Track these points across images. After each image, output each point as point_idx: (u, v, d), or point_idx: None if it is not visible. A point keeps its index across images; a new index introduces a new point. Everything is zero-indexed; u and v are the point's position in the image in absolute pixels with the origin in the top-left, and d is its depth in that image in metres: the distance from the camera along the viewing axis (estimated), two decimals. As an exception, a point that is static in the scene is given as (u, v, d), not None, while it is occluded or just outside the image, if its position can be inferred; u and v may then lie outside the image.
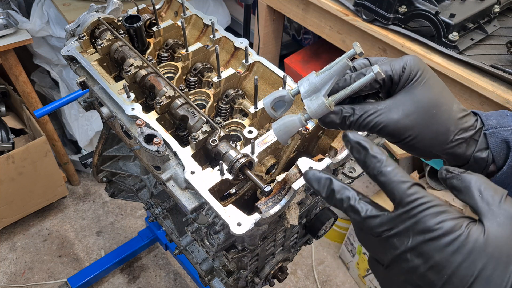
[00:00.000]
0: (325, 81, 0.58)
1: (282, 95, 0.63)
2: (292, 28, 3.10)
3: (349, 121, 0.60)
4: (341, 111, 0.60)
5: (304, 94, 0.59)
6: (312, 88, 0.58)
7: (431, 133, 0.60)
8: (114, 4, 1.20)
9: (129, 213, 2.77)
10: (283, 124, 0.63)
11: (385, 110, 0.59)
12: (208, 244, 1.02)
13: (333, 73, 0.57)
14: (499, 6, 1.59)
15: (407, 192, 0.46)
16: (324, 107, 0.58)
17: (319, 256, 2.60)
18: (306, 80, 0.60)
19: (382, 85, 0.61)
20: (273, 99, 0.63)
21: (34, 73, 2.68)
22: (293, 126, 0.62)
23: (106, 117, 1.05)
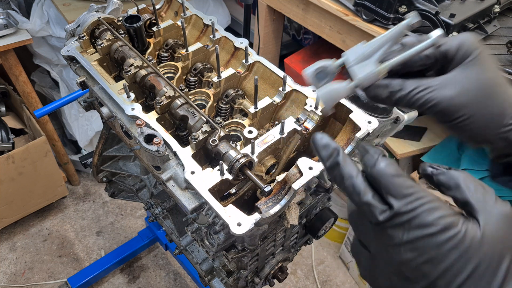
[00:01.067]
0: (377, 48, 0.54)
1: (326, 65, 0.59)
2: (292, 28, 3.10)
3: (397, 96, 0.57)
4: (389, 85, 0.57)
5: (351, 62, 0.55)
6: (361, 55, 0.54)
7: (486, 114, 0.56)
8: (114, 4, 1.20)
9: (129, 213, 2.77)
10: (329, 90, 0.58)
11: (439, 86, 0.56)
12: (208, 244, 1.02)
13: (388, 39, 0.53)
14: (499, 6, 1.59)
15: (404, 185, 0.46)
16: (374, 74, 0.53)
17: (319, 256, 2.60)
18: (354, 48, 0.56)
19: (435, 61, 0.58)
20: (316, 69, 0.60)
21: (34, 73, 2.68)
22: (339, 93, 0.58)
23: (106, 117, 1.05)
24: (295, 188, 0.77)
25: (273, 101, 0.99)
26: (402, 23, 0.53)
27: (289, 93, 1.00)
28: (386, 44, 0.54)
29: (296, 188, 0.77)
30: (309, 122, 0.92)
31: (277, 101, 0.99)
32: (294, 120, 0.91)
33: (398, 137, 2.09)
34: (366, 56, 0.55)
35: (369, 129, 0.86)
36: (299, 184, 0.77)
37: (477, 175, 1.77)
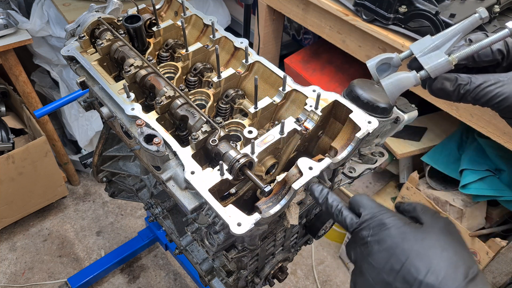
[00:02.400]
0: (448, 38, 0.54)
1: (390, 57, 0.60)
2: (292, 28, 3.10)
3: (464, 89, 0.57)
4: (457, 79, 0.57)
5: (420, 53, 0.56)
6: (431, 46, 0.54)
7: None
8: (114, 4, 1.20)
9: (129, 213, 2.77)
10: (396, 80, 0.58)
11: (509, 81, 0.56)
12: (208, 244, 1.02)
13: (459, 30, 0.53)
14: (499, 6, 1.59)
15: (371, 202, 0.67)
16: (446, 63, 0.54)
17: (319, 256, 2.60)
18: (420, 41, 0.56)
19: (505, 57, 0.58)
20: (379, 60, 0.60)
21: (34, 73, 2.68)
22: (407, 82, 0.58)
23: (106, 117, 1.05)
24: (295, 188, 0.77)
25: (273, 101, 0.99)
26: (472, 17, 0.53)
27: (289, 93, 1.00)
28: (454, 37, 0.54)
29: (296, 188, 0.77)
30: (309, 122, 0.92)
31: (277, 101, 0.99)
32: (294, 120, 0.91)
33: (398, 137, 2.09)
34: (434, 48, 0.55)
35: (369, 129, 0.85)
36: (299, 184, 0.77)
37: (477, 175, 1.77)
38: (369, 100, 0.91)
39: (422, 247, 0.58)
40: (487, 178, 1.77)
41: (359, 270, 0.63)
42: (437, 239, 0.59)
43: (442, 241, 0.59)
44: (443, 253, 0.57)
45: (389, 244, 0.59)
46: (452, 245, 0.59)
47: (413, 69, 0.60)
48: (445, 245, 0.58)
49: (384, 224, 0.61)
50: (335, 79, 2.34)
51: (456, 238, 0.61)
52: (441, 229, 0.61)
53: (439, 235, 0.60)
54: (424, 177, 2.03)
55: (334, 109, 0.95)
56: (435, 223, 0.62)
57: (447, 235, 0.60)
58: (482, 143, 1.82)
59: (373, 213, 0.63)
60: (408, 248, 0.58)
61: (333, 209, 0.70)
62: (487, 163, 1.80)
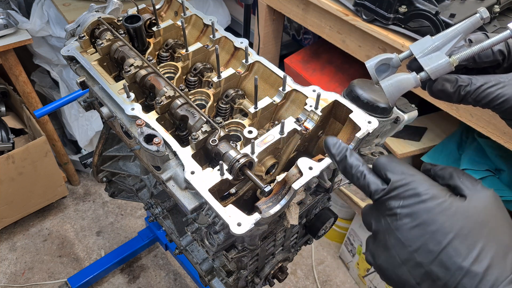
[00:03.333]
0: (448, 39, 0.53)
1: (389, 58, 0.59)
2: (292, 28, 3.10)
3: (465, 91, 0.57)
4: (457, 80, 0.56)
5: (420, 54, 0.55)
6: (431, 47, 0.54)
7: None
8: (114, 4, 1.20)
9: (129, 213, 2.77)
10: (396, 81, 0.57)
11: (510, 82, 0.56)
12: (208, 244, 1.02)
13: (460, 30, 0.52)
14: (499, 6, 1.59)
15: (401, 166, 0.55)
16: (447, 65, 0.53)
17: (319, 256, 2.60)
18: (420, 41, 0.56)
19: (505, 58, 0.58)
20: (379, 61, 0.59)
21: (34, 73, 2.68)
22: (407, 84, 0.57)
23: (106, 117, 1.05)
24: (295, 188, 0.77)
25: (273, 101, 0.99)
26: (473, 17, 0.53)
27: (289, 93, 1.00)
28: (455, 38, 0.53)
29: (296, 188, 0.76)
30: (309, 122, 0.92)
31: (277, 101, 0.99)
32: (294, 120, 0.91)
33: (398, 137, 2.09)
34: (434, 49, 0.54)
35: (369, 129, 0.85)
36: (299, 184, 0.77)
37: (477, 175, 1.77)
38: (369, 100, 0.91)
39: (466, 227, 0.49)
40: (487, 178, 1.76)
41: (382, 244, 0.55)
42: (484, 217, 0.50)
43: (491, 220, 0.50)
44: (490, 235, 0.49)
45: (425, 219, 0.50)
46: (501, 225, 0.50)
47: (413, 70, 0.60)
48: (494, 224, 0.50)
49: (419, 194, 0.51)
50: (335, 79, 2.34)
51: (505, 216, 0.52)
52: (488, 204, 0.52)
53: (486, 212, 0.51)
54: (424, 177, 2.03)
55: (334, 109, 0.95)
56: (480, 196, 0.52)
57: (496, 212, 0.51)
58: (482, 143, 1.82)
59: (404, 180, 0.53)
60: (449, 227, 0.49)
61: (353, 170, 0.58)
62: (487, 163, 1.80)
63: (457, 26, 0.54)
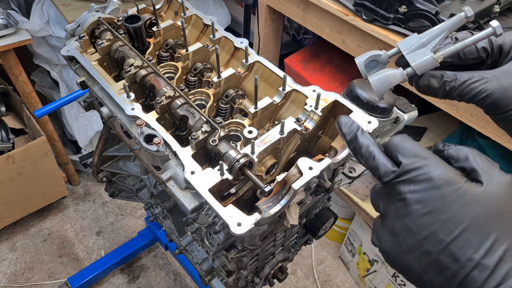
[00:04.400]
0: (434, 36, 0.55)
1: (378, 54, 0.60)
2: (292, 28, 3.10)
3: (449, 86, 0.58)
4: (442, 76, 0.58)
5: (407, 50, 0.57)
6: (417, 43, 0.56)
7: None
8: (114, 4, 1.20)
9: (129, 213, 2.77)
10: (383, 76, 0.59)
11: (492, 78, 0.57)
12: (208, 244, 1.02)
13: (445, 28, 0.54)
14: (499, 6, 1.59)
15: (413, 147, 0.51)
16: (432, 60, 0.55)
17: (319, 256, 2.60)
18: (407, 39, 0.58)
19: (489, 55, 0.59)
20: (368, 57, 0.60)
21: (34, 73, 2.68)
22: (394, 79, 0.58)
23: (106, 117, 1.05)
24: (295, 188, 0.77)
25: (273, 101, 0.99)
26: (457, 16, 0.54)
27: (289, 93, 1.00)
28: (440, 35, 0.55)
29: (296, 188, 0.76)
30: (309, 122, 0.92)
31: (277, 101, 0.99)
32: (294, 120, 0.91)
33: (398, 137, 2.09)
34: (421, 45, 0.56)
35: (369, 129, 0.86)
36: (299, 184, 0.77)
37: (477, 175, 1.77)
38: (369, 100, 0.91)
39: (480, 217, 0.46)
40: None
41: (389, 229, 0.53)
42: (500, 206, 0.47)
43: (506, 210, 0.47)
44: (505, 227, 0.46)
45: (437, 207, 0.48)
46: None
47: (400, 66, 0.61)
48: (510, 215, 0.47)
49: (431, 179, 0.48)
50: (335, 79, 2.34)
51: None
52: (505, 193, 0.48)
53: (502, 201, 0.48)
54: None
55: (334, 109, 0.95)
56: (497, 183, 0.48)
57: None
58: (482, 143, 1.82)
59: (417, 163, 0.50)
60: (462, 216, 0.47)
61: (363, 151, 0.54)
62: (487, 163, 1.80)
63: (442, 24, 0.56)
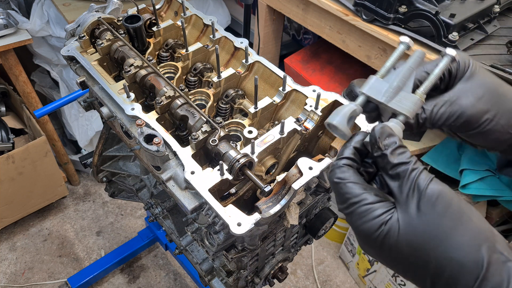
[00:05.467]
0: (406, 77, 0.56)
1: (354, 110, 0.58)
2: (292, 28, 3.10)
3: (422, 118, 0.60)
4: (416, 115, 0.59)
5: (386, 99, 0.57)
6: (393, 90, 0.56)
7: (506, 111, 0.59)
8: (114, 4, 1.20)
9: (129, 213, 2.77)
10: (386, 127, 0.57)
11: (455, 99, 0.59)
12: (208, 244, 1.02)
13: (412, 66, 0.55)
14: (499, 6, 1.59)
15: (340, 191, 0.55)
16: (420, 102, 0.56)
17: (319, 256, 2.60)
18: (374, 87, 0.57)
19: (443, 80, 0.61)
20: (348, 118, 0.57)
21: (34, 73, 2.68)
22: (399, 134, 0.57)
23: (106, 117, 1.05)
24: (295, 188, 0.76)
25: (273, 101, 0.99)
26: (420, 52, 0.56)
27: (289, 93, 1.00)
28: (412, 75, 0.56)
29: (296, 188, 0.76)
30: (309, 122, 0.92)
31: (277, 101, 0.99)
32: (294, 120, 0.91)
33: (398, 137, 2.08)
34: (397, 89, 0.56)
35: (369, 129, 0.85)
36: (299, 184, 0.77)
37: (477, 175, 1.77)
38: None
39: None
40: (487, 178, 1.76)
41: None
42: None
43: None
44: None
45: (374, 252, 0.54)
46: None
47: (370, 113, 0.61)
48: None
49: (355, 228, 0.54)
50: (335, 79, 2.34)
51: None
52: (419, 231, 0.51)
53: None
54: (424, 177, 2.03)
55: (334, 109, 0.95)
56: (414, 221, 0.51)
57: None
58: (482, 143, 1.82)
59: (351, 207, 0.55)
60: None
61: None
62: (487, 163, 1.80)
63: (407, 63, 0.56)
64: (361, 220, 0.52)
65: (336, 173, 0.56)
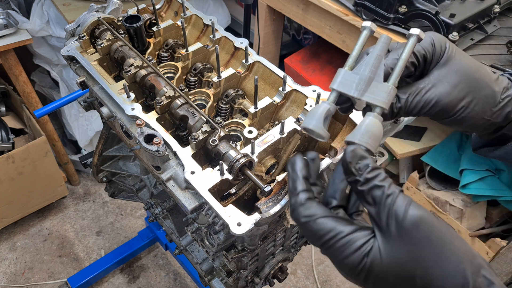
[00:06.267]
0: (376, 66, 0.54)
1: (328, 109, 0.56)
2: (292, 28, 3.10)
3: (397, 108, 0.58)
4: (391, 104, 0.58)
5: (358, 93, 0.54)
6: (364, 82, 0.54)
7: (481, 98, 0.59)
8: (114, 4, 1.20)
9: (129, 213, 2.77)
10: (371, 132, 0.54)
11: (430, 86, 0.58)
12: (208, 244, 1.02)
13: (380, 54, 0.53)
14: (499, 6, 1.59)
15: (312, 229, 0.54)
16: (393, 91, 0.54)
17: (319, 256, 2.60)
18: (344, 81, 0.55)
19: (417, 67, 0.59)
20: (323, 119, 0.56)
21: (34, 73, 2.68)
22: (380, 128, 0.54)
23: (106, 117, 1.05)
24: (295, 188, 0.76)
25: (273, 101, 0.99)
26: (385, 37, 0.55)
27: (289, 93, 1.00)
28: (381, 64, 0.54)
29: (296, 188, 0.76)
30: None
31: (277, 101, 0.99)
32: (294, 120, 0.91)
33: (398, 137, 2.09)
34: (371, 78, 0.54)
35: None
36: (299, 184, 0.77)
37: (477, 175, 1.77)
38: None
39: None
40: (487, 178, 1.77)
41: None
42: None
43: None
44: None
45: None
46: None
47: (340, 104, 0.59)
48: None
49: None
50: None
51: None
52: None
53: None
54: (424, 177, 2.03)
55: (334, 109, 0.95)
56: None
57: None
58: (482, 143, 1.82)
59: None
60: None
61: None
62: (487, 163, 1.80)
63: (374, 51, 0.54)
64: (342, 255, 0.50)
65: (301, 212, 0.53)
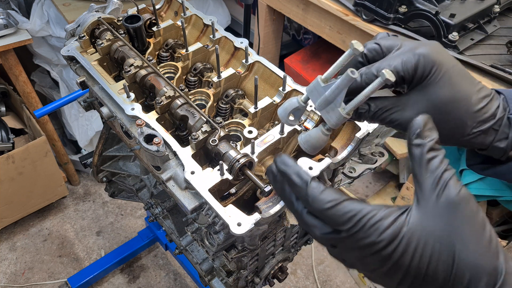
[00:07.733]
0: (336, 94, 0.58)
1: (295, 106, 0.63)
2: (292, 28, 3.10)
3: (364, 117, 0.62)
4: (357, 108, 0.61)
5: (318, 107, 0.61)
6: (324, 101, 0.59)
7: (446, 129, 0.60)
8: (114, 4, 1.20)
9: (129, 213, 2.77)
10: (309, 140, 0.64)
11: (399, 108, 0.60)
12: (208, 244, 1.02)
13: (341, 87, 0.57)
14: (499, 6, 1.59)
15: (340, 212, 0.50)
16: (343, 118, 0.59)
17: (319, 256, 2.60)
18: (315, 90, 0.60)
19: (395, 84, 0.60)
20: (289, 113, 0.64)
21: (34, 73, 2.68)
22: (320, 142, 0.63)
23: (106, 117, 1.05)
24: (295, 188, 0.76)
25: (273, 101, 0.99)
26: (347, 64, 0.59)
27: (289, 93, 1.00)
28: (342, 92, 0.57)
29: (296, 188, 0.76)
30: (309, 122, 0.92)
31: (277, 101, 0.99)
32: (294, 120, 0.91)
33: (398, 137, 2.09)
34: (329, 101, 0.59)
35: (369, 129, 0.86)
36: (299, 184, 0.77)
37: (477, 175, 1.77)
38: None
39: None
40: (487, 178, 1.76)
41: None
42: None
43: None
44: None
45: (390, 268, 0.50)
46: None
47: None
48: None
49: (373, 244, 0.50)
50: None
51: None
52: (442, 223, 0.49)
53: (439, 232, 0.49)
54: (424, 177, 2.03)
55: (334, 109, 0.95)
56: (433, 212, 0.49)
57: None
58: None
59: (351, 230, 0.52)
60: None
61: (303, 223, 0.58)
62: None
63: (337, 82, 0.58)
64: (376, 232, 0.48)
65: (325, 198, 0.51)
